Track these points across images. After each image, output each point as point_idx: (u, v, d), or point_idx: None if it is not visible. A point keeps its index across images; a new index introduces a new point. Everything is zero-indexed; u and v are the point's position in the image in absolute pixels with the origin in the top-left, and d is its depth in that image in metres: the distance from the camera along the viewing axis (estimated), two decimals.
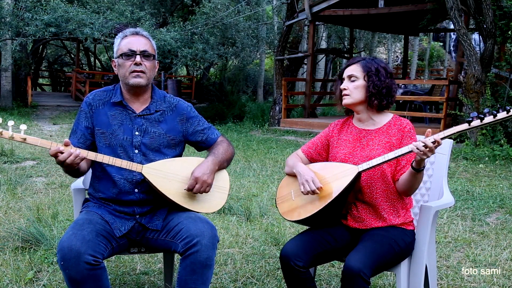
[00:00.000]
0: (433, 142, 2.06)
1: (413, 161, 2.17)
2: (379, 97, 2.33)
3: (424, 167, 2.17)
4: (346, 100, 2.38)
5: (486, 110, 2.07)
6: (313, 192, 2.27)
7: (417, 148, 2.08)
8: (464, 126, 2.09)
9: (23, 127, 2.12)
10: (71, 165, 2.13)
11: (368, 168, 2.23)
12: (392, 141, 2.33)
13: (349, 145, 2.40)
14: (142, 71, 2.31)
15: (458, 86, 10.21)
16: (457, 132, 2.09)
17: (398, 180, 2.31)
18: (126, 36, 2.37)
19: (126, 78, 2.31)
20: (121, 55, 2.31)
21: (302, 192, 2.31)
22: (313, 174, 2.31)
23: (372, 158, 2.29)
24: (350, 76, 2.37)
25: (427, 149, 2.06)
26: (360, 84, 2.35)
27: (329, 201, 2.24)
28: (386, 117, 2.41)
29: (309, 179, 2.29)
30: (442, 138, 2.09)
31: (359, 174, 2.25)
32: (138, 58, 2.30)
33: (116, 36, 2.42)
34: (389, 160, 2.20)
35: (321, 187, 2.28)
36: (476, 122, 2.07)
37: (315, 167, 2.38)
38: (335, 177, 2.27)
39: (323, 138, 2.52)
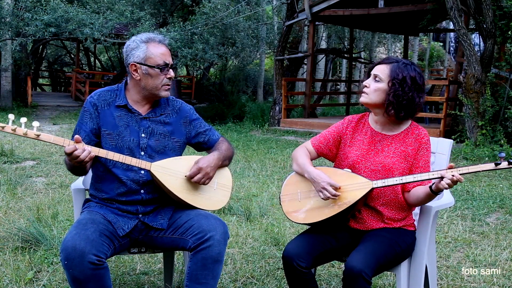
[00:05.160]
0: (454, 176, 2.05)
1: (432, 184, 2.14)
2: (397, 107, 2.22)
3: (443, 190, 2.15)
4: (362, 99, 2.30)
5: None
6: (335, 197, 2.21)
7: (443, 177, 2.06)
8: (491, 166, 2.06)
9: (35, 124, 2.11)
10: (84, 161, 2.12)
11: (382, 186, 2.20)
12: (408, 151, 2.28)
13: (363, 147, 2.34)
14: (170, 84, 2.36)
15: (458, 86, 10.20)
16: (482, 170, 2.07)
17: (409, 192, 2.28)
18: (151, 41, 2.31)
19: (158, 90, 2.32)
20: (158, 68, 2.28)
21: (323, 198, 2.24)
22: (328, 178, 2.24)
23: (386, 166, 2.25)
24: (375, 75, 2.27)
25: (448, 184, 2.06)
26: (381, 87, 2.25)
27: (338, 211, 2.22)
28: (404, 124, 2.34)
29: (325, 185, 2.22)
30: (465, 173, 2.08)
31: (372, 189, 2.22)
32: (172, 73, 2.34)
33: (137, 38, 2.33)
34: (406, 183, 2.18)
35: (341, 187, 2.22)
36: (504, 164, 2.05)
37: (328, 171, 2.30)
38: (348, 188, 2.22)
39: (335, 134, 2.42)
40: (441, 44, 30.57)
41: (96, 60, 25.43)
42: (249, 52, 16.68)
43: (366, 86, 2.29)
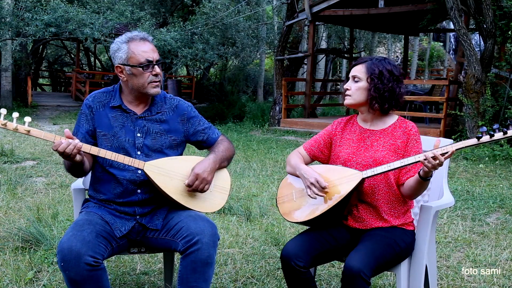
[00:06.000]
0: (442, 155, 2.06)
1: (420, 170, 2.16)
2: (380, 100, 2.30)
3: (431, 175, 2.16)
4: (347, 101, 2.37)
5: (495, 126, 2.06)
6: (321, 194, 2.25)
7: (427, 160, 2.07)
8: (473, 141, 2.08)
9: (27, 119, 2.11)
10: (70, 155, 2.09)
11: (372, 175, 2.22)
12: (397, 144, 2.31)
13: (353, 145, 2.38)
14: (159, 80, 2.32)
15: (458, 86, 10.20)
16: (466, 146, 2.10)
17: (403, 185, 2.30)
18: (132, 40, 2.28)
19: (145, 88, 2.29)
20: (140, 66, 2.25)
21: (309, 196, 2.28)
22: (317, 174, 2.29)
23: (377, 160, 2.28)
24: (354, 76, 2.35)
25: (436, 162, 2.06)
26: (362, 86, 2.32)
27: (331, 205, 2.24)
28: (391, 119, 2.39)
29: (313, 181, 2.26)
30: (449, 151, 2.08)
31: (363, 180, 2.24)
32: (158, 69, 2.29)
33: (118, 40, 2.31)
34: (394, 169, 2.19)
35: (327, 186, 2.25)
36: (485, 138, 2.07)
37: (319, 169, 2.35)
38: (339, 181, 2.26)
39: (326, 136, 2.49)
40: (441, 44, 30.56)
41: (96, 60, 25.43)
42: (249, 52, 16.67)
43: (347, 89, 2.36)
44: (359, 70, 2.34)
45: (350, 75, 2.37)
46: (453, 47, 29.35)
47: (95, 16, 12.21)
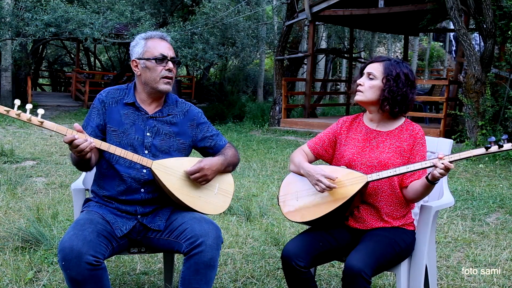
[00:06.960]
0: (450, 162, 2.07)
1: (428, 174, 2.15)
2: (392, 103, 2.27)
3: (439, 179, 2.15)
4: (358, 97, 2.34)
5: (504, 137, 2.05)
6: (330, 188, 2.23)
7: (436, 166, 2.08)
8: (482, 150, 2.08)
9: (40, 111, 2.11)
10: (84, 151, 2.10)
11: (377, 179, 2.21)
12: (403, 146, 2.30)
13: (358, 145, 2.36)
14: (172, 78, 2.35)
15: (458, 86, 10.21)
16: (473, 156, 2.09)
17: (407, 187, 2.29)
18: (151, 38, 2.37)
19: (156, 82, 2.32)
20: (153, 59, 2.31)
21: (319, 191, 2.26)
22: (322, 171, 2.26)
23: (382, 161, 2.27)
24: (369, 73, 2.32)
25: (442, 170, 2.07)
26: (376, 84, 2.29)
27: (335, 207, 2.23)
28: (398, 121, 2.37)
29: (320, 177, 2.24)
30: (457, 160, 2.09)
31: (367, 183, 2.23)
32: (171, 65, 2.34)
33: (138, 36, 2.40)
34: (400, 174, 2.18)
35: (335, 179, 2.23)
36: (494, 148, 2.06)
37: (324, 170, 2.32)
38: (343, 183, 2.24)
39: (330, 135, 2.46)
40: (441, 44, 30.56)
41: (96, 60, 25.42)
42: (249, 52, 16.66)
43: (360, 84, 2.33)
44: (375, 68, 2.31)
45: (365, 71, 2.34)
46: (453, 47, 29.34)
47: (95, 16, 12.19)
